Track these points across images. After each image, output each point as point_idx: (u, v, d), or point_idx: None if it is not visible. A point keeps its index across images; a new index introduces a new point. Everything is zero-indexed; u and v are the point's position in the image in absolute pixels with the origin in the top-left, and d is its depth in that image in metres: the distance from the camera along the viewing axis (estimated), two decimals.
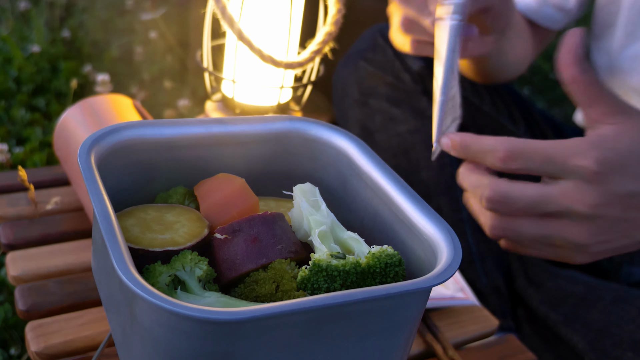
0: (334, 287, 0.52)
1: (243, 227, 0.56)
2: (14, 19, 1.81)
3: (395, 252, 0.54)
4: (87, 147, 0.57)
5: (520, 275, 0.98)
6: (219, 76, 0.89)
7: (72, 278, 0.75)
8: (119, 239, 0.48)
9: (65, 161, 0.85)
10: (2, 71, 1.55)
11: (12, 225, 0.81)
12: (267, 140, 0.67)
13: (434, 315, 0.78)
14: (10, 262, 0.76)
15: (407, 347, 0.55)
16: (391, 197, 0.60)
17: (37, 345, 0.66)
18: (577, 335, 0.86)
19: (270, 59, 0.83)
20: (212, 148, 0.65)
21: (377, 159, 0.63)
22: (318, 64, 0.91)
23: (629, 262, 0.97)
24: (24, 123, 1.44)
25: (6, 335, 0.94)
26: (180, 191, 0.63)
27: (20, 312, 0.70)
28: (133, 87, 1.61)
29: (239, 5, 0.82)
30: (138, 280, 0.45)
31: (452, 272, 0.50)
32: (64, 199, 0.87)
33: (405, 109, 1.04)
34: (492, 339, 0.78)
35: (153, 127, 0.62)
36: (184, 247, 0.55)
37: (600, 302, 0.88)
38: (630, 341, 0.81)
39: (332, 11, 0.85)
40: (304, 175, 0.68)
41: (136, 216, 0.58)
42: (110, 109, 0.84)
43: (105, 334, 0.68)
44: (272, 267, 0.54)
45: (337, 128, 0.67)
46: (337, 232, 0.57)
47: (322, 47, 0.86)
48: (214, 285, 0.54)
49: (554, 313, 0.90)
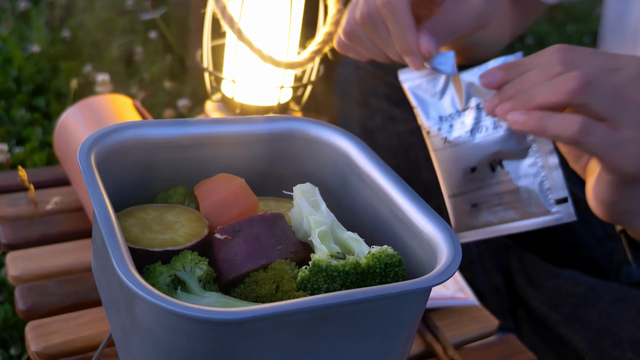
0: (333, 288, 0.52)
1: (243, 227, 0.56)
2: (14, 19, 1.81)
3: (395, 252, 0.54)
4: (87, 147, 0.57)
5: (520, 275, 0.98)
6: (219, 76, 0.89)
7: (72, 278, 0.75)
8: (119, 239, 0.48)
9: (65, 161, 0.85)
10: (2, 71, 1.55)
11: (12, 225, 0.81)
12: (267, 140, 0.67)
13: (434, 315, 0.78)
14: (10, 262, 0.76)
15: (407, 347, 0.55)
16: (391, 197, 0.60)
17: (37, 345, 0.66)
18: (577, 336, 0.86)
19: (270, 59, 0.83)
20: (212, 148, 0.65)
21: (377, 159, 0.63)
22: (318, 64, 0.91)
23: (629, 262, 0.97)
24: (24, 123, 1.43)
25: (6, 335, 0.94)
26: (180, 191, 0.63)
27: (20, 312, 0.70)
28: (133, 87, 1.61)
29: (239, 5, 0.82)
30: (138, 280, 0.45)
31: (452, 272, 0.50)
32: (64, 199, 0.87)
33: (405, 109, 1.04)
34: (492, 339, 0.78)
35: (153, 127, 0.62)
36: (184, 247, 0.55)
37: (600, 302, 0.88)
38: (630, 341, 0.81)
39: (332, 11, 0.85)
40: (304, 175, 0.68)
41: (136, 216, 0.58)
42: (110, 109, 0.84)
43: (105, 334, 0.68)
44: (272, 267, 0.54)
45: (337, 128, 0.67)
46: (337, 232, 0.57)
47: (322, 47, 0.86)
48: (214, 286, 0.54)
49: (554, 313, 0.90)
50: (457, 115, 0.67)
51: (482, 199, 0.67)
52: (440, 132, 0.67)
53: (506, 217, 0.66)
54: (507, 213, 0.66)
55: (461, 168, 0.67)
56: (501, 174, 0.65)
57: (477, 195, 0.67)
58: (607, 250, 0.99)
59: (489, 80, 0.62)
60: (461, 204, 0.68)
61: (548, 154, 0.63)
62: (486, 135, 0.65)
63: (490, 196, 0.66)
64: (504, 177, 0.65)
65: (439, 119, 0.68)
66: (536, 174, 0.64)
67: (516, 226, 0.66)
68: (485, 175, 0.66)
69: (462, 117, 0.66)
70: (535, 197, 0.64)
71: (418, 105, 0.69)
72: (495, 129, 0.64)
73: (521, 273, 0.98)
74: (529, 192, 0.65)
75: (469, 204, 0.68)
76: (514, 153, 0.64)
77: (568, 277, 0.94)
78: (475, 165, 0.66)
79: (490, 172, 0.66)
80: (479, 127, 0.65)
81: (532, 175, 0.64)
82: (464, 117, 0.66)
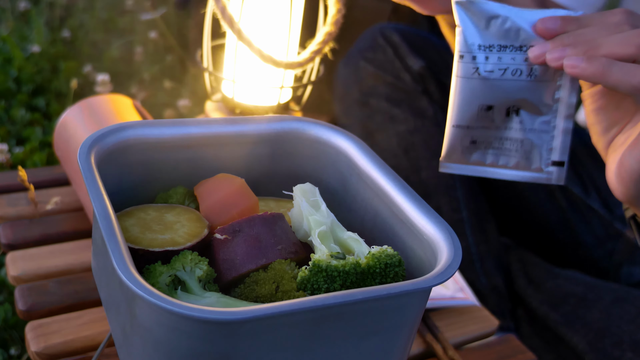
0: (333, 288, 0.52)
1: (243, 227, 0.56)
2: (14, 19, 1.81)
3: (395, 253, 0.54)
4: (87, 147, 0.57)
5: (520, 275, 0.98)
6: (219, 76, 0.89)
7: (72, 278, 0.75)
8: (119, 239, 0.48)
9: (65, 161, 0.85)
10: (2, 71, 1.55)
11: (12, 225, 0.81)
12: (267, 140, 0.67)
13: (434, 315, 0.78)
14: (10, 262, 0.76)
15: (407, 347, 0.55)
16: (391, 197, 0.60)
17: (37, 345, 0.66)
18: (577, 336, 0.86)
19: (270, 59, 0.83)
20: (212, 148, 0.65)
21: (377, 159, 0.63)
22: (318, 64, 0.91)
23: (629, 262, 0.97)
24: (24, 123, 1.43)
25: (6, 335, 0.94)
26: (180, 191, 0.63)
27: (20, 312, 0.70)
28: (133, 87, 1.61)
29: (239, 5, 0.82)
30: (138, 280, 0.45)
31: (452, 272, 0.50)
32: (64, 199, 0.87)
33: (405, 109, 1.04)
34: (492, 339, 0.78)
35: (153, 127, 0.62)
36: (184, 247, 0.55)
37: (600, 302, 0.88)
38: (630, 341, 0.81)
39: (332, 11, 0.85)
40: (304, 175, 0.68)
41: (136, 216, 0.58)
42: (110, 109, 0.84)
43: (105, 334, 0.68)
44: (272, 267, 0.54)
45: (337, 128, 0.67)
46: (337, 232, 0.57)
47: (322, 47, 0.86)
48: (214, 286, 0.54)
49: (554, 313, 0.90)
50: (496, 49, 0.65)
51: (484, 138, 0.67)
52: (475, 61, 0.65)
53: (498, 162, 0.67)
54: (500, 159, 0.67)
55: (478, 103, 0.66)
56: (514, 121, 0.66)
57: (481, 133, 0.67)
58: (607, 250, 0.99)
59: (548, 26, 0.61)
60: (462, 137, 0.67)
61: (565, 117, 0.64)
62: (517, 79, 0.65)
63: (494, 138, 0.67)
64: (516, 125, 0.66)
65: (477, 47, 0.66)
66: (546, 132, 0.65)
67: (505, 173, 0.67)
68: (498, 117, 0.66)
69: (501, 53, 0.65)
70: (536, 153, 0.65)
71: (461, 25, 0.66)
72: (529, 76, 0.64)
73: (521, 273, 0.98)
74: (532, 146, 0.65)
75: (469, 138, 0.67)
76: (535, 106, 0.65)
77: (568, 277, 0.94)
78: (493, 104, 0.66)
79: (504, 116, 0.66)
80: (514, 68, 0.65)
81: (542, 131, 0.65)
82: (502, 53, 0.65)
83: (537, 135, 0.65)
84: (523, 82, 0.64)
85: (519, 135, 0.65)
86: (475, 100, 0.66)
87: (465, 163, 0.68)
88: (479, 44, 0.66)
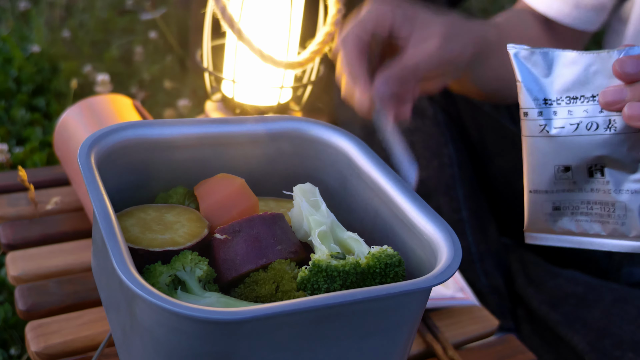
0: (333, 288, 0.52)
1: (243, 227, 0.56)
2: (14, 19, 1.81)
3: (395, 253, 0.54)
4: (87, 147, 0.57)
5: (520, 275, 0.98)
6: (219, 76, 0.89)
7: (72, 278, 0.75)
8: (119, 239, 0.48)
9: (65, 161, 0.85)
10: (2, 71, 1.55)
11: (12, 225, 0.81)
12: (267, 140, 0.67)
13: (434, 315, 0.78)
14: (10, 262, 0.76)
15: (407, 347, 0.55)
16: (391, 197, 0.60)
17: (37, 345, 0.66)
18: (577, 336, 0.86)
19: (270, 59, 0.83)
20: (212, 148, 0.65)
21: (377, 159, 0.63)
22: (318, 64, 0.91)
23: (629, 262, 0.97)
24: (24, 123, 1.43)
25: (6, 335, 0.94)
26: (180, 191, 0.63)
27: (20, 312, 0.70)
28: (133, 87, 1.61)
29: (239, 5, 0.82)
30: (138, 280, 0.45)
31: (452, 272, 0.50)
32: (64, 199, 0.87)
33: None
34: (492, 339, 0.78)
35: (153, 127, 0.62)
36: (184, 247, 0.55)
37: (600, 302, 0.88)
38: (630, 341, 0.81)
39: (332, 11, 0.85)
40: (304, 175, 0.68)
41: (136, 216, 0.58)
42: (110, 109, 0.84)
43: (105, 334, 0.68)
44: (272, 267, 0.54)
45: (337, 128, 0.67)
46: (337, 232, 0.57)
47: (322, 47, 0.86)
48: (214, 286, 0.54)
49: (554, 313, 0.90)
50: (565, 101, 0.58)
51: (568, 203, 0.59)
52: (541, 117, 0.58)
53: (590, 230, 0.59)
54: (592, 226, 0.59)
55: (553, 164, 0.58)
56: (599, 182, 0.57)
57: (563, 198, 0.59)
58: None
59: (628, 69, 0.51)
60: (542, 203, 0.60)
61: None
62: (594, 133, 0.56)
63: (579, 203, 0.59)
64: (602, 186, 0.57)
65: (543, 101, 0.58)
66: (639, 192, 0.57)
67: (600, 243, 0.59)
68: (580, 179, 0.58)
69: (570, 105, 0.57)
70: (631, 217, 0.57)
71: (522, 81, 0.58)
72: (607, 129, 0.55)
73: (521, 273, 0.98)
74: (625, 210, 0.57)
75: (551, 204, 0.60)
76: (622, 162, 0.56)
77: (568, 277, 0.94)
78: (570, 164, 0.58)
79: (586, 176, 0.58)
80: (589, 122, 0.56)
81: (636, 192, 0.56)
82: (573, 106, 0.57)
83: (630, 197, 0.56)
84: (601, 137, 0.55)
85: (609, 198, 0.57)
86: (549, 161, 0.58)
87: (552, 232, 0.60)
88: (544, 97, 0.58)
